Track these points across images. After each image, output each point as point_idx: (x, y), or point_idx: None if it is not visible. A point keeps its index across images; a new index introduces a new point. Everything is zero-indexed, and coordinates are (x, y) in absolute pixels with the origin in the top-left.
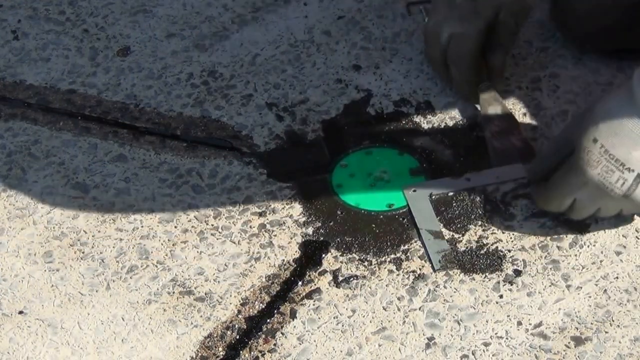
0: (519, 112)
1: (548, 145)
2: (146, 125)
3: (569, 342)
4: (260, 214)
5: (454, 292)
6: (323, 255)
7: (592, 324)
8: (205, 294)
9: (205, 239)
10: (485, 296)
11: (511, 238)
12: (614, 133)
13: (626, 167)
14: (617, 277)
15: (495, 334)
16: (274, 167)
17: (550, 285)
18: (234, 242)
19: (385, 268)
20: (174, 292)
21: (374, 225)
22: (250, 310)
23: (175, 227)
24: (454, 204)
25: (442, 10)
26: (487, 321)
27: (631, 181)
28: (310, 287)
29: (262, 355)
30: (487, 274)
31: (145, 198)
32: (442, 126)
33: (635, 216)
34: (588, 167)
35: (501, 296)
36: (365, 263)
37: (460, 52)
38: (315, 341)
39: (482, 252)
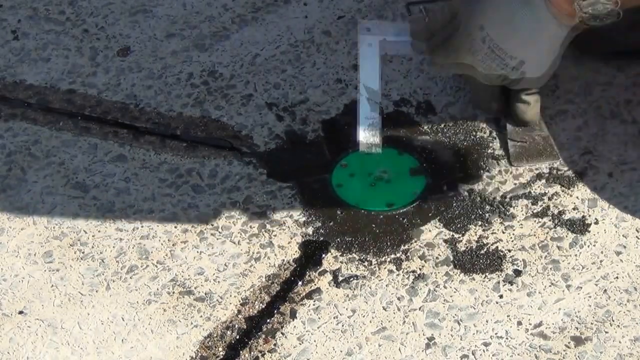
0: None
1: (432, 13)
2: (146, 125)
3: (569, 342)
4: (260, 214)
5: (454, 292)
6: (323, 255)
7: (592, 324)
8: (205, 294)
9: (205, 239)
10: (485, 296)
11: (511, 238)
12: (501, 24)
13: (509, 55)
14: (617, 277)
15: (495, 334)
16: (274, 167)
17: (550, 285)
18: (234, 242)
19: (385, 268)
20: (174, 292)
21: (374, 225)
22: (250, 310)
23: (175, 227)
24: (454, 204)
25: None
26: (487, 321)
27: (514, 64)
28: (310, 287)
29: (262, 355)
30: (487, 274)
31: (145, 198)
32: (442, 126)
33: (635, 217)
34: (472, 56)
35: (501, 296)
36: (365, 263)
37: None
38: (315, 341)
39: (482, 252)
